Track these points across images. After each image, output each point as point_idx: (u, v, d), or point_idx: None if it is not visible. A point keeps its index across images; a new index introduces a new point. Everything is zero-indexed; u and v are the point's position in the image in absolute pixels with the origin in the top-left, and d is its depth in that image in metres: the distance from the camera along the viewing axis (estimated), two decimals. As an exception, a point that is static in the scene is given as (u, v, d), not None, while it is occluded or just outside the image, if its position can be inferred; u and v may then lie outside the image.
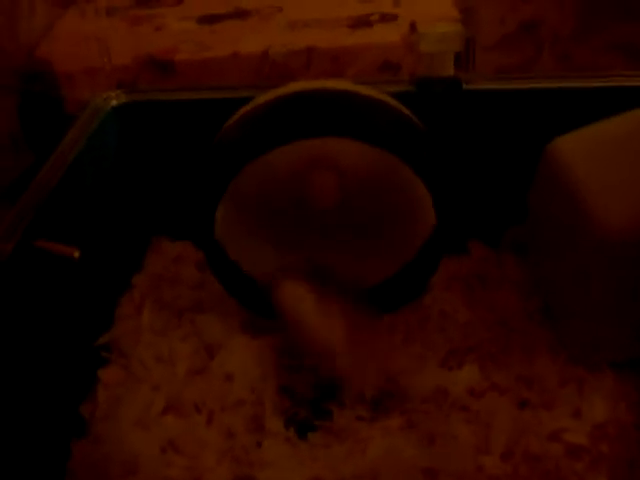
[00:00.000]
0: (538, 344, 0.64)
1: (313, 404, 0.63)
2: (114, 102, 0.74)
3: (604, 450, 0.57)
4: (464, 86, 0.70)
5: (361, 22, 0.82)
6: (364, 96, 0.59)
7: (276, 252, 0.66)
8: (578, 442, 0.57)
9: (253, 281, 0.67)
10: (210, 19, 0.86)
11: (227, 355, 0.65)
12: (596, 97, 0.69)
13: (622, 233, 0.56)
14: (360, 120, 0.58)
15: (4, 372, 0.55)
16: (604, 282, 0.59)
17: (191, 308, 0.70)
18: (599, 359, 0.62)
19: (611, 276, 0.58)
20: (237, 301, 0.67)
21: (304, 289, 0.61)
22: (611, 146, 0.61)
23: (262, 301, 0.67)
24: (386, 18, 0.82)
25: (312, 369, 0.65)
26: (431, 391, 0.62)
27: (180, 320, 0.69)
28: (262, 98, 0.60)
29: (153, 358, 0.65)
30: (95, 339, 0.68)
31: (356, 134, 0.56)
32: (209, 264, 0.65)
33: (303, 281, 0.62)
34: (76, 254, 0.60)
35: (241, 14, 0.87)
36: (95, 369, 0.65)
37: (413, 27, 0.78)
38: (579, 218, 0.59)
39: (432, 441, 0.58)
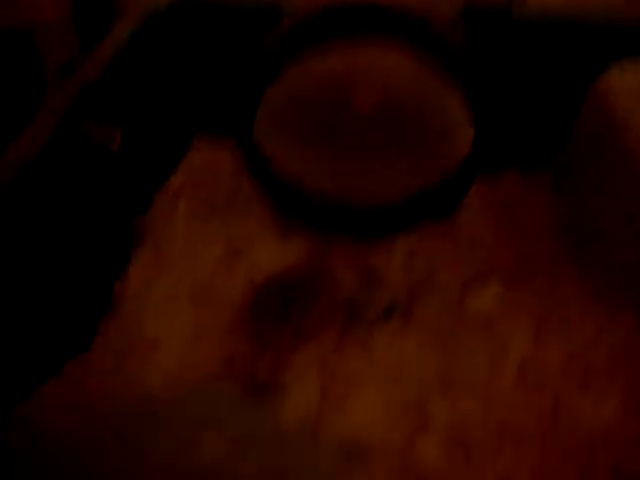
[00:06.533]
0: (564, 273, 0.64)
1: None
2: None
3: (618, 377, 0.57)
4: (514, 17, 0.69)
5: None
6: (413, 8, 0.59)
7: (309, 153, 0.67)
8: (594, 366, 0.58)
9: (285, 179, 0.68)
10: None
11: (254, 254, 0.67)
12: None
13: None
14: (411, 22, 0.57)
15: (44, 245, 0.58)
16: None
17: (224, 206, 0.71)
18: (622, 297, 0.62)
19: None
20: (269, 199, 0.68)
21: None
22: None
23: (293, 201, 0.68)
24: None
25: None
26: (450, 306, 0.63)
27: (213, 216, 0.70)
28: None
29: (183, 248, 0.67)
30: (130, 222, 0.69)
31: (405, 32, 0.56)
32: (245, 160, 0.66)
33: None
34: (114, 146, 0.61)
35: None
36: (128, 251, 0.67)
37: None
38: (624, 155, 0.58)
39: (447, 354, 0.59)
